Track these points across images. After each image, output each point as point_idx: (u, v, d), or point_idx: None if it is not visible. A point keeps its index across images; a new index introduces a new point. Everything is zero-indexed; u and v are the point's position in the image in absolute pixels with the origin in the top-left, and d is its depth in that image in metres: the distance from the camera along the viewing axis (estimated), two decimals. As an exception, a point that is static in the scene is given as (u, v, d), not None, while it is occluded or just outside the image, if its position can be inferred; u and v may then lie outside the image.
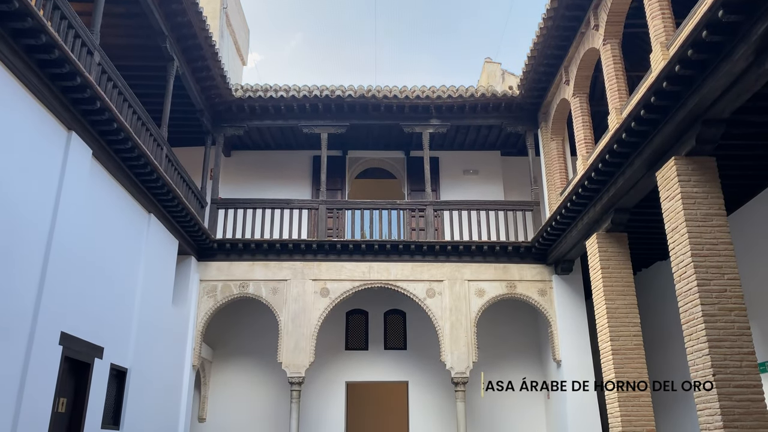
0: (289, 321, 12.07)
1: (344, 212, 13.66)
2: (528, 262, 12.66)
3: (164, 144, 10.25)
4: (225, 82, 12.36)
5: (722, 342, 6.80)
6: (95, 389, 8.05)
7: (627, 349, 9.42)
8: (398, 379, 13.68)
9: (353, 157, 15.02)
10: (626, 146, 8.19)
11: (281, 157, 14.97)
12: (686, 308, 7.21)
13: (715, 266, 7.08)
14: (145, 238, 9.88)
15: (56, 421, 7.19)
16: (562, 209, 10.54)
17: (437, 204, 13.34)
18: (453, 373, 11.87)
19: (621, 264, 9.87)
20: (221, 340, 13.72)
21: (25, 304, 6.55)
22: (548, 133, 12.90)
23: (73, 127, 7.46)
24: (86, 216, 7.85)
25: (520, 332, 13.93)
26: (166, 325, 10.64)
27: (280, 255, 12.55)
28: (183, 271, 11.86)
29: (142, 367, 9.49)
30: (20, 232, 6.51)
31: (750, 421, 6.53)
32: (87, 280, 7.90)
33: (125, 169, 8.95)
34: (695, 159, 7.41)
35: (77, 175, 7.54)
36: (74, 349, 7.50)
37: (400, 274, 12.52)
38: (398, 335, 14.03)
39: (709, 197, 7.34)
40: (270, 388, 13.32)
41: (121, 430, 8.81)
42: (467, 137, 14.52)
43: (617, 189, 9.03)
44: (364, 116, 13.29)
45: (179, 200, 10.38)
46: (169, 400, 10.75)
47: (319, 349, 12.43)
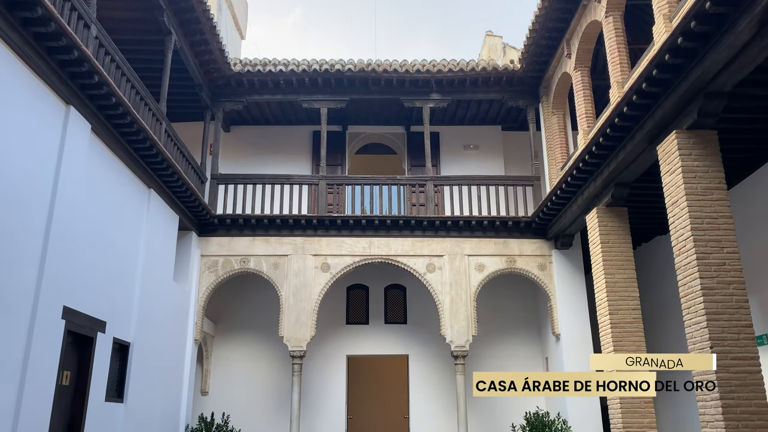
0: (290, 296, 12.15)
1: (344, 188, 13.65)
2: (528, 237, 12.69)
3: (163, 119, 10.21)
4: (223, 56, 12.25)
5: (720, 315, 6.85)
6: (98, 363, 8.14)
7: (626, 323, 9.49)
8: (398, 352, 13.82)
9: (353, 133, 14.96)
10: (628, 120, 8.14)
11: (281, 132, 14.91)
12: (685, 281, 7.25)
13: (715, 240, 7.10)
14: (146, 214, 9.89)
15: (61, 394, 7.28)
16: (563, 184, 10.53)
17: (437, 179, 13.32)
18: (453, 347, 11.98)
19: (621, 238, 9.89)
20: (223, 314, 13.82)
21: (27, 278, 6.58)
22: (549, 108, 12.83)
23: (72, 102, 7.42)
24: (86, 191, 7.85)
25: (520, 307, 14.02)
26: (168, 300, 10.70)
27: (281, 230, 12.58)
28: (184, 246, 11.89)
29: (145, 341, 9.58)
30: (20, 208, 6.52)
31: (746, 393, 6.61)
32: (88, 255, 7.93)
33: (124, 144, 8.92)
34: (696, 132, 7.38)
35: (77, 149, 7.52)
36: (77, 323, 7.55)
37: (401, 249, 12.56)
38: (398, 310, 14.13)
39: (709, 171, 7.33)
40: (272, 361, 13.45)
41: (125, 403, 8.92)
42: (468, 112, 14.44)
43: (618, 163, 9.00)
44: (364, 91, 13.20)
45: (179, 175, 10.36)
46: (171, 374, 10.87)
47: (320, 323, 12.53)
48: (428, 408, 13.30)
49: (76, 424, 7.67)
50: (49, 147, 7.07)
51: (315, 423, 13.06)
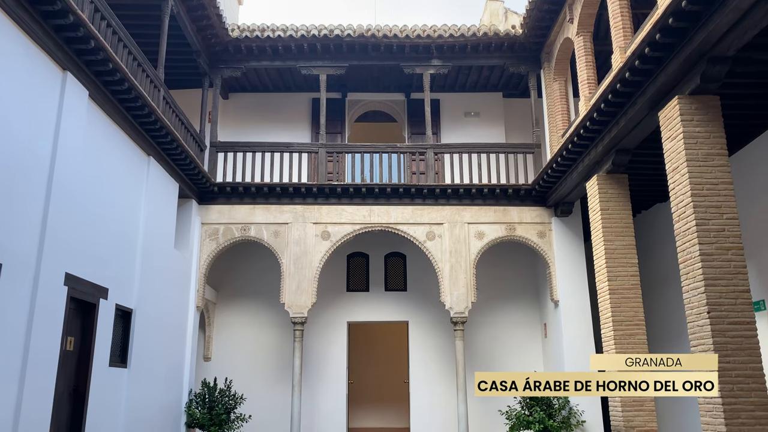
0: (290, 263, 12.21)
1: (344, 156, 13.61)
2: (528, 204, 12.70)
3: (161, 86, 10.12)
4: (221, 21, 12.08)
5: (718, 280, 6.90)
6: (102, 329, 8.23)
7: (624, 289, 9.56)
8: (398, 319, 13.96)
9: (353, 100, 14.84)
10: (630, 86, 8.07)
11: (280, 99, 14.80)
12: (684, 247, 7.28)
13: (715, 206, 7.11)
14: (146, 182, 9.87)
15: (65, 359, 7.38)
16: (563, 151, 10.49)
17: (438, 147, 13.26)
18: (452, 313, 12.09)
19: (620, 205, 9.90)
20: (224, 282, 13.92)
21: (28, 245, 6.61)
22: (551, 74, 12.70)
23: (68, 68, 7.35)
24: (85, 158, 7.83)
25: (519, 274, 14.11)
26: (169, 267, 10.77)
27: (281, 198, 12.58)
28: (184, 214, 11.91)
29: (147, 307, 9.66)
30: (20, 174, 6.51)
31: (742, 357, 6.70)
32: (89, 222, 7.95)
33: (123, 111, 8.86)
34: (699, 98, 7.32)
35: (75, 116, 7.48)
36: (79, 289, 7.62)
37: (401, 217, 12.58)
38: (398, 277, 14.22)
39: (711, 137, 7.30)
40: (273, 328, 13.60)
41: (129, 368, 9.04)
42: (469, 78, 14.31)
43: (619, 130, 8.95)
44: (363, 57, 13.06)
45: (178, 143, 10.32)
46: (174, 340, 11.00)
47: (321, 290, 12.62)
48: (428, 373, 13.50)
49: (81, 389, 7.80)
50: (46, 113, 7.03)
51: (316, 388, 13.26)
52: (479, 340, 13.59)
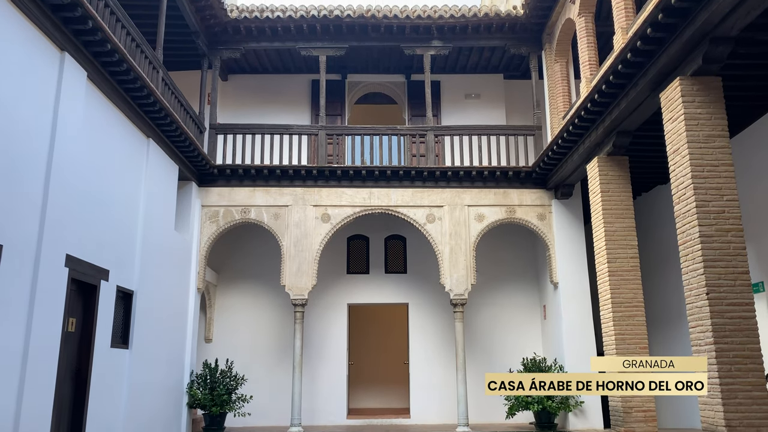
0: (291, 246, 12.23)
1: (344, 138, 13.56)
2: (528, 187, 12.69)
3: (160, 67, 10.05)
4: (220, 2, 11.98)
5: (717, 262, 6.92)
6: (103, 310, 8.27)
7: (623, 271, 9.59)
8: (398, 301, 14.02)
9: (353, 81, 14.76)
10: (631, 67, 8.02)
11: (279, 81, 14.72)
12: (684, 229, 7.29)
13: (715, 188, 7.11)
14: (145, 164, 9.85)
15: (67, 340, 7.43)
16: (564, 133, 10.45)
17: (438, 129, 13.22)
18: (452, 295, 12.14)
19: (621, 187, 9.90)
20: (225, 264, 13.96)
21: (28, 227, 6.61)
22: (552, 55, 12.62)
23: (66, 48, 7.29)
24: (85, 140, 7.80)
25: (519, 256, 14.14)
26: (170, 249, 10.78)
27: (281, 181, 12.57)
28: (184, 196, 11.90)
29: (148, 289, 9.70)
30: (19, 156, 6.49)
31: (740, 338, 6.74)
32: (89, 204, 7.95)
33: (122, 93, 8.81)
34: (700, 79, 7.29)
35: (73, 97, 7.44)
36: (80, 271, 7.64)
37: (401, 200, 12.58)
38: (398, 260, 14.26)
39: (712, 118, 7.27)
40: (274, 309, 13.66)
41: (131, 349, 9.10)
42: (469, 60, 14.22)
43: (620, 111, 8.92)
44: (363, 38, 12.97)
45: (177, 125, 10.28)
46: (175, 322, 11.05)
47: (321, 273, 12.66)
48: (427, 354, 13.58)
49: (84, 369, 7.85)
50: (45, 94, 6.99)
51: (317, 369, 13.35)
52: (479, 321, 13.66)
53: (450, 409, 12.65)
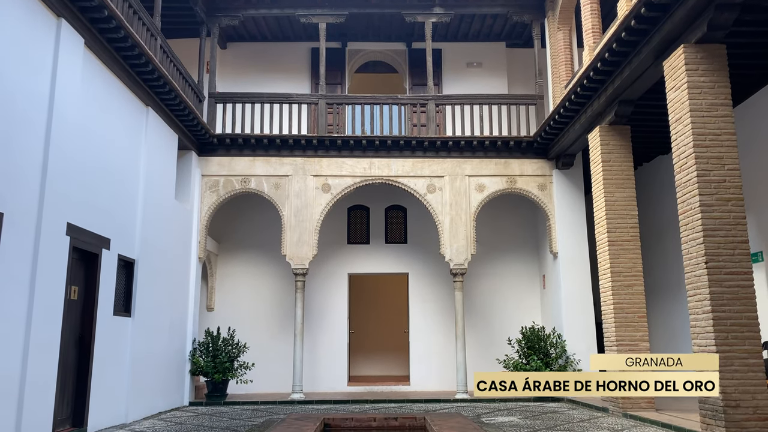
0: (291, 216, 12.25)
1: (344, 107, 13.47)
2: (529, 156, 12.65)
3: (158, 34, 9.94)
4: (218, -33, 11.78)
5: (717, 231, 6.93)
6: (105, 278, 8.32)
7: (623, 241, 9.61)
8: (399, 271, 14.09)
9: (353, 50, 14.61)
10: (635, 34, 7.91)
11: (279, 49, 14.57)
12: (684, 198, 7.29)
13: (716, 157, 7.08)
14: (144, 132, 9.80)
15: (70, 308, 7.49)
16: (566, 102, 10.38)
17: (439, 98, 13.12)
18: (452, 265, 12.20)
19: (622, 157, 9.86)
20: (226, 233, 14.00)
21: (29, 196, 6.62)
22: (555, 23, 12.45)
23: (63, 14, 7.20)
24: (83, 108, 7.75)
25: (519, 226, 14.17)
26: (171, 218, 10.80)
27: (281, 151, 12.52)
28: (184, 166, 11.88)
29: (149, 258, 9.74)
30: (18, 125, 6.46)
31: (738, 306, 6.79)
32: (89, 173, 7.94)
33: (120, 61, 8.73)
34: (705, 47, 7.20)
35: (71, 64, 7.37)
36: (81, 239, 7.66)
37: (401, 170, 12.55)
38: (399, 230, 14.29)
39: (716, 87, 7.21)
40: (275, 279, 13.74)
41: (133, 317, 9.18)
42: (471, 27, 14.04)
43: (623, 80, 8.83)
44: (363, 4, 12.79)
45: (176, 93, 10.20)
46: (177, 290, 11.13)
47: (322, 243, 12.70)
48: (427, 323, 13.71)
49: (87, 337, 7.93)
50: (42, 61, 6.92)
51: (318, 337, 13.49)
52: (478, 291, 13.76)
53: (449, 377, 12.82)
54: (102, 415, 8.15)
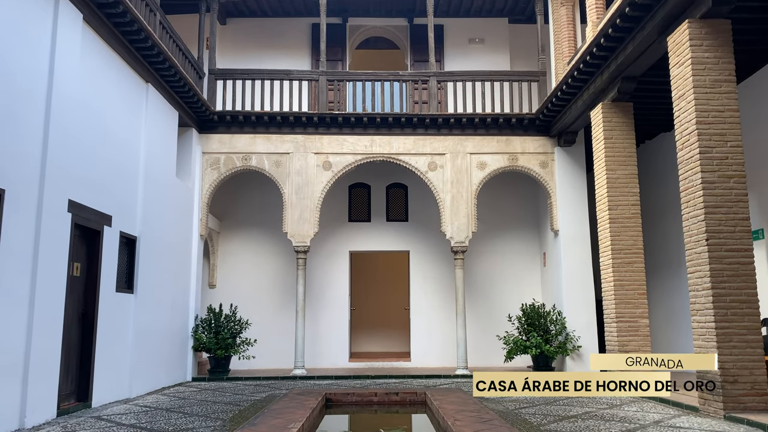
0: (292, 193, 12.25)
1: (345, 84, 13.37)
2: (531, 134, 12.59)
3: (157, 9, 9.84)
4: (216, -59, 11.61)
5: (718, 208, 6.93)
6: (107, 255, 8.35)
7: (624, 218, 9.62)
8: (400, 248, 14.13)
9: (354, 25, 14.46)
10: (639, 9, 7.82)
11: (279, 25, 14.43)
12: (686, 176, 7.28)
13: (719, 134, 7.05)
14: (144, 109, 9.76)
15: (72, 284, 7.53)
16: (569, 78, 10.30)
17: (441, 75, 13.02)
18: (453, 243, 12.23)
19: (624, 134, 9.82)
20: (228, 211, 14.01)
21: (30, 172, 6.61)
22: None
23: (60, -11, 7.12)
24: (83, 84, 7.71)
25: (520, 204, 14.17)
26: (172, 195, 10.80)
27: (282, 128, 12.47)
28: (185, 143, 11.84)
29: (151, 235, 9.76)
30: (18, 101, 6.43)
31: (738, 282, 6.82)
32: (89, 149, 7.92)
33: (119, 36, 8.65)
34: (709, 22, 7.13)
35: (70, 39, 7.31)
36: (83, 216, 7.68)
37: (402, 147, 12.51)
38: (400, 208, 14.29)
39: (720, 63, 7.15)
40: (277, 256, 13.79)
41: (135, 294, 9.23)
42: (474, 2, 13.89)
43: (626, 56, 8.75)
44: (365, -21, 12.64)
45: (176, 69, 10.13)
46: (179, 267, 11.18)
47: (323, 220, 12.71)
48: (428, 300, 13.78)
49: (90, 313, 7.99)
50: (41, 36, 6.86)
51: (320, 314, 13.58)
52: (479, 269, 13.80)
53: (450, 353, 12.92)
54: (106, 390, 8.24)
